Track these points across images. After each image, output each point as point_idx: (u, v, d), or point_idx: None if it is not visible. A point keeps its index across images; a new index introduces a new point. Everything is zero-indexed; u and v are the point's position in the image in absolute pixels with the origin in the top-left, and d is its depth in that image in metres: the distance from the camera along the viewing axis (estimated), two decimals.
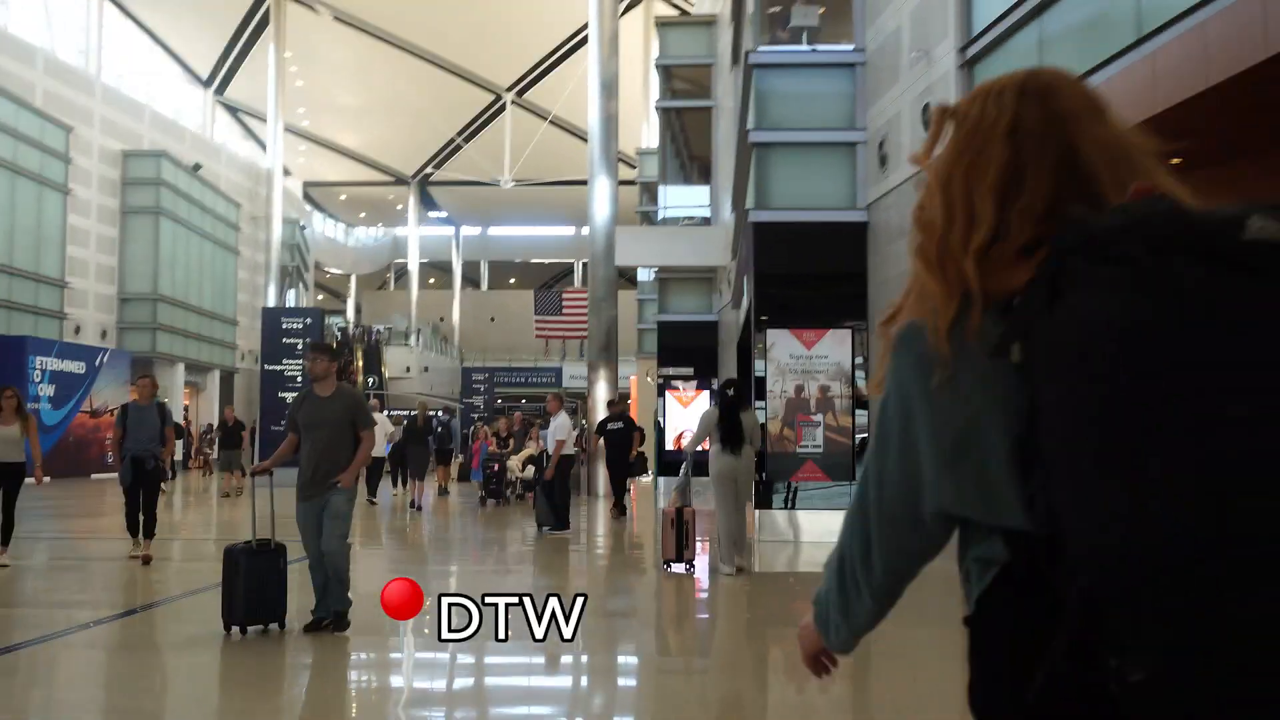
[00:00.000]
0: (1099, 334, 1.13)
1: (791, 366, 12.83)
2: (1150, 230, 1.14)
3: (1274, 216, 1.11)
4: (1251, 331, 1.08)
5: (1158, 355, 1.10)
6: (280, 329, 25.43)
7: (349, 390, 7.60)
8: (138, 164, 34.53)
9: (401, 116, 52.71)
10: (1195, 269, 1.10)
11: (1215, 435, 1.06)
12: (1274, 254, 1.09)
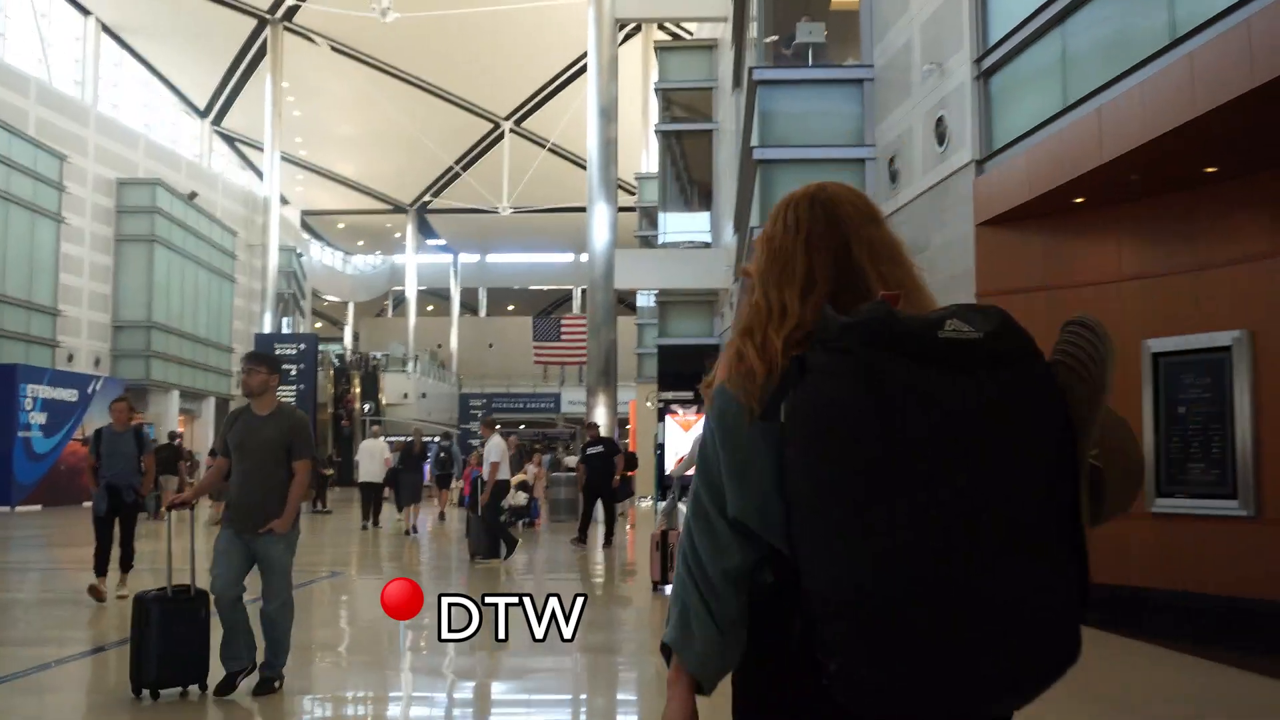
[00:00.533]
0: (821, 409, 1.49)
1: None
2: (863, 328, 1.48)
3: (966, 319, 1.50)
4: (934, 411, 1.44)
5: (860, 432, 1.45)
6: (274, 355, 25.09)
7: (290, 411, 6.37)
8: (132, 192, 34.27)
9: (399, 145, 52.53)
10: (897, 361, 1.45)
11: (893, 499, 1.43)
12: (961, 348, 1.48)
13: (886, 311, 1.52)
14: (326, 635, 8.85)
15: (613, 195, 23.37)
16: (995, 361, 1.51)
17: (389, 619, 9.36)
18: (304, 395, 24.97)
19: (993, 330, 1.54)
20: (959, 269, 10.35)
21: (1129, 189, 8.50)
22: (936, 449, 1.44)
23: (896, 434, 1.44)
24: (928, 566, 1.42)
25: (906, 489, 1.44)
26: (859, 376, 1.47)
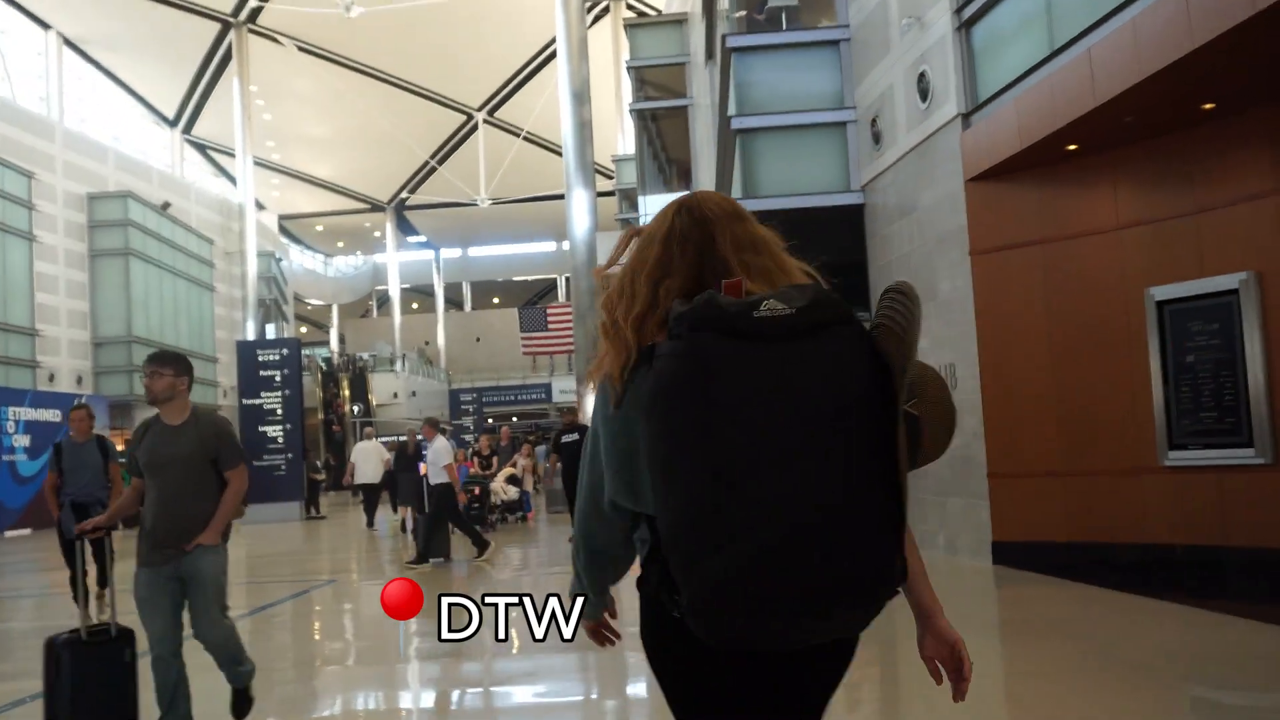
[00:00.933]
0: (656, 389, 1.73)
1: None
2: (694, 315, 1.73)
3: (782, 298, 1.73)
4: (747, 375, 1.68)
5: (688, 399, 1.69)
6: (257, 362, 24.63)
7: (208, 418, 5.46)
8: (103, 206, 33.70)
9: (373, 144, 51.99)
10: (718, 341, 1.70)
11: (702, 459, 1.66)
12: (775, 324, 1.70)
13: (709, 299, 1.75)
14: (324, 644, 8.52)
15: (590, 180, 22.92)
16: (808, 331, 1.71)
17: (386, 622, 9.06)
18: (290, 401, 24.51)
19: (805, 305, 1.73)
20: (950, 227, 10.04)
21: (1124, 132, 8.19)
22: (747, 407, 1.67)
23: (714, 397, 1.67)
24: (725, 504, 1.64)
25: (717, 442, 1.66)
26: (687, 354, 1.70)
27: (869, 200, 12.04)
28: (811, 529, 1.65)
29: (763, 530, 1.64)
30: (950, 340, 10.17)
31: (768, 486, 1.65)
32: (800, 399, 1.68)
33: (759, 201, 12.29)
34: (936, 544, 10.64)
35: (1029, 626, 7.15)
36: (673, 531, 1.70)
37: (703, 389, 1.68)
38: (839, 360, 1.72)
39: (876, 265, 11.92)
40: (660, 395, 1.72)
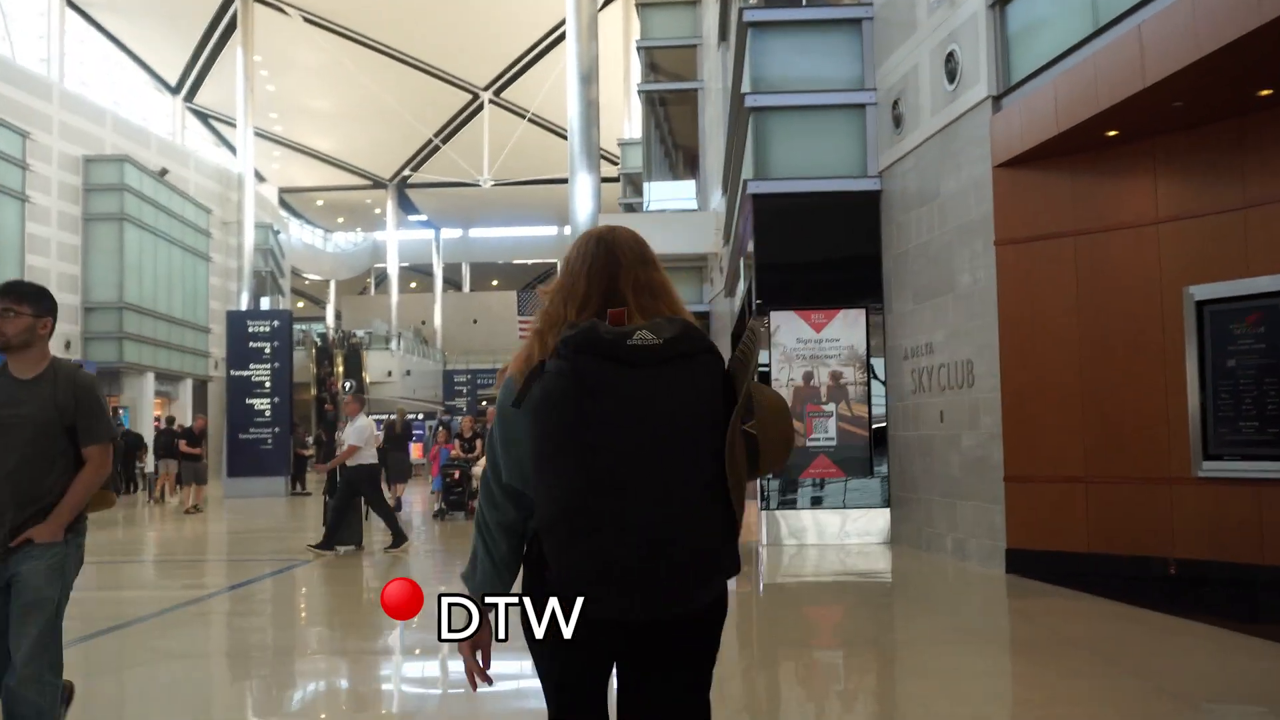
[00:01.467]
0: (543, 398, 2.08)
1: (799, 352, 11.60)
2: (578, 340, 2.06)
3: (653, 330, 2.09)
4: (618, 392, 2.03)
5: (567, 409, 2.03)
6: (247, 333, 24.07)
7: (69, 373, 4.11)
8: (99, 170, 33.07)
9: (377, 119, 51.33)
10: (596, 363, 2.03)
11: (579, 459, 2.02)
12: (644, 351, 2.05)
13: (591, 327, 2.10)
14: (304, 626, 8.01)
15: (595, 163, 22.33)
16: (672, 359, 2.09)
17: (368, 602, 8.54)
18: (279, 374, 23.95)
19: (672, 336, 2.11)
20: (974, 216, 9.50)
21: (1170, 118, 7.65)
22: (612, 420, 2.03)
23: (587, 410, 2.04)
24: (595, 501, 2.02)
25: (585, 447, 2.03)
26: (568, 373, 2.06)
27: (886, 186, 11.49)
28: (661, 525, 2.03)
29: (621, 524, 2.02)
30: (968, 334, 9.64)
31: (628, 489, 2.03)
32: (661, 416, 2.06)
33: (770, 184, 11.75)
34: (944, 548, 10.13)
35: (1049, 644, 6.63)
36: (547, 520, 2.09)
37: (579, 402, 2.04)
38: (697, 385, 2.12)
39: (892, 254, 11.38)
40: (544, 404, 2.09)
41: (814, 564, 10.51)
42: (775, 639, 7.35)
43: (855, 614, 8.06)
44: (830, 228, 11.84)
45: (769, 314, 11.68)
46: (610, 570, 2.02)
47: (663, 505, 2.03)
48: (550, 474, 2.07)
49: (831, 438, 11.54)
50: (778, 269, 11.83)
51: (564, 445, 2.04)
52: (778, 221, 11.82)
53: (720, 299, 20.94)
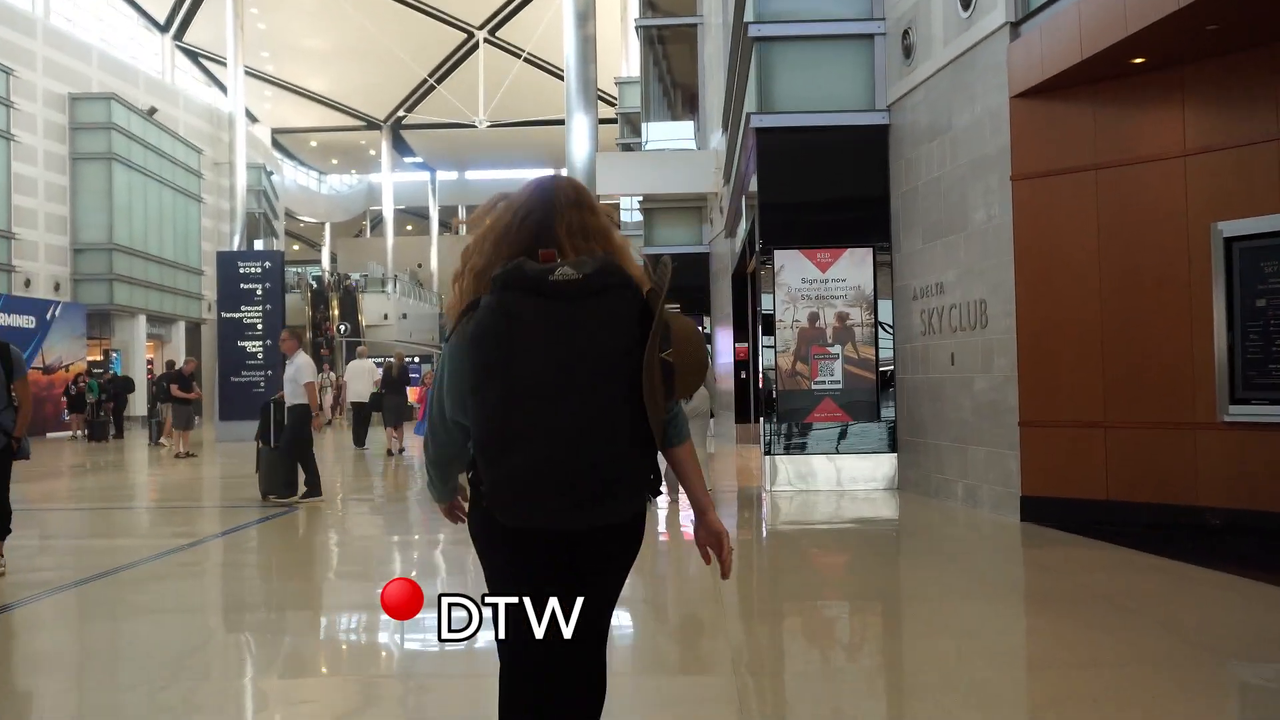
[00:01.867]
0: (475, 330, 2.27)
1: (804, 292, 11.22)
2: (505, 276, 2.27)
3: (575, 266, 2.26)
4: (541, 324, 2.22)
5: (494, 341, 2.23)
6: (238, 274, 23.61)
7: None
8: (85, 108, 32.45)
9: (370, 58, 50.45)
10: (520, 297, 2.24)
11: (504, 378, 2.22)
12: (566, 286, 2.24)
13: (518, 265, 2.31)
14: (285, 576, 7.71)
15: (592, 102, 21.84)
16: (591, 293, 2.27)
17: (356, 551, 8.24)
18: (271, 316, 23.45)
19: (590, 272, 2.29)
20: (989, 149, 9.08)
21: (1203, 43, 7.22)
22: (535, 348, 2.24)
23: (514, 339, 2.25)
24: (512, 422, 2.24)
25: (511, 372, 2.24)
26: (496, 307, 2.28)
27: (895, 120, 11.05)
28: (578, 442, 2.23)
29: (541, 441, 2.22)
30: (982, 274, 9.26)
31: (548, 409, 2.22)
32: (581, 344, 2.25)
33: (775, 118, 11.30)
34: (954, 494, 9.83)
35: (1068, 596, 6.31)
36: (478, 439, 2.30)
37: (506, 333, 2.25)
38: (614, 315, 2.29)
39: (900, 192, 10.97)
40: (476, 336, 2.29)
41: (818, 510, 10.23)
42: (778, 591, 7.06)
43: (862, 563, 7.76)
44: (837, 163, 11.41)
45: (773, 253, 11.29)
46: (532, 483, 2.24)
47: (580, 425, 2.23)
48: (481, 398, 2.27)
49: (837, 381, 11.19)
50: (782, 207, 11.41)
51: (493, 371, 2.25)
52: (782, 157, 11.38)
53: (720, 240, 20.50)
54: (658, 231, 23.22)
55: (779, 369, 11.24)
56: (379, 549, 8.94)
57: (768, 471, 11.27)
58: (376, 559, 8.39)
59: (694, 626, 5.96)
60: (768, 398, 11.37)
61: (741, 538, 9.00)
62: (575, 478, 2.23)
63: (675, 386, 2.36)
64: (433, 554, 8.44)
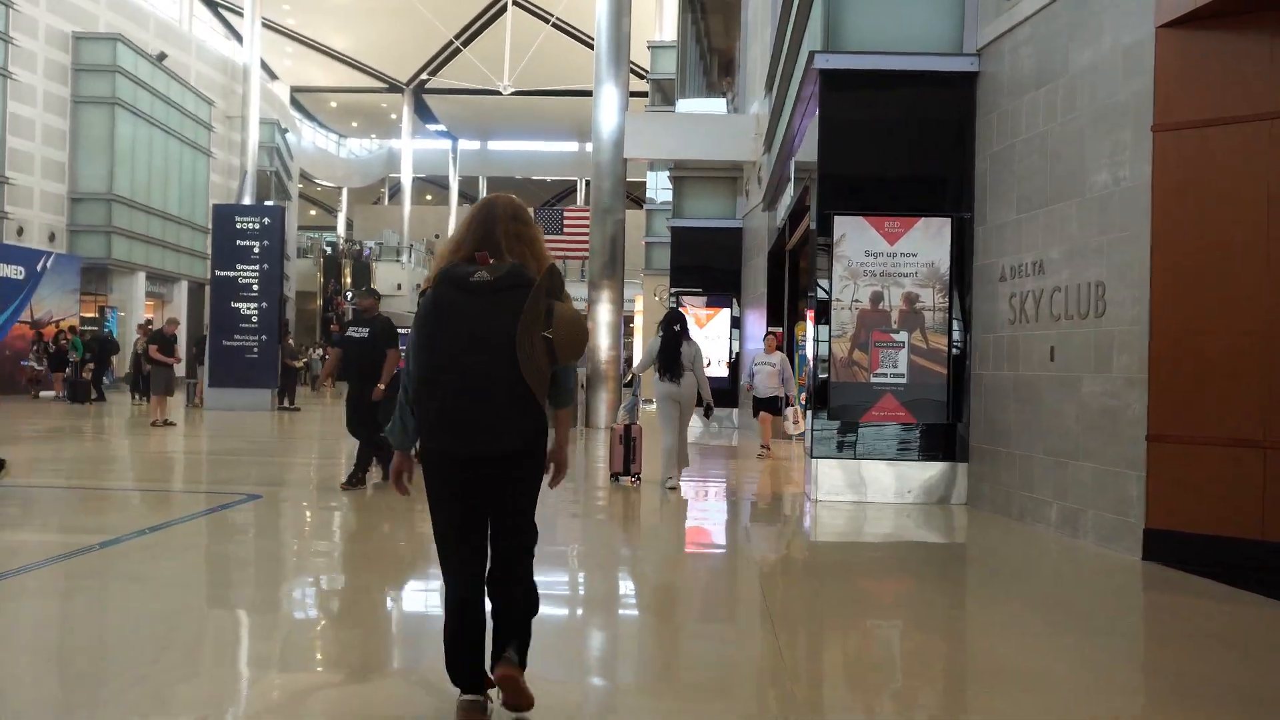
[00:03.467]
0: (419, 311, 3.51)
1: (867, 267, 9.49)
2: (443, 274, 3.49)
3: (490, 271, 3.46)
4: (458, 310, 3.43)
5: (429, 321, 3.46)
6: (235, 230, 21.95)
7: None
8: (90, 48, 30.77)
9: (395, 17, 48.75)
10: (449, 290, 3.45)
11: (432, 347, 3.44)
12: (480, 285, 3.43)
13: (451, 268, 3.52)
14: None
15: (624, 65, 20.00)
16: (498, 290, 3.43)
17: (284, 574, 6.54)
18: (269, 276, 21.77)
19: (499, 276, 3.45)
20: (1120, 96, 7.30)
21: None
22: (454, 326, 3.43)
23: (441, 321, 3.45)
24: (438, 375, 3.42)
25: (437, 344, 3.44)
26: (432, 297, 3.50)
27: (987, 67, 9.28)
28: (477, 394, 3.42)
29: (452, 393, 3.43)
30: (1100, 251, 7.49)
31: (454, 371, 3.43)
32: (485, 327, 3.42)
33: (844, 59, 9.54)
34: (1045, 518, 8.10)
35: (1207, 674, 4.57)
36: (414, 389, 3.53)
37: (435, 316, 3.49)
38: (512, 308, 3.40)
39: (989, 152, 9.20)
40: (419, 315, 3.53)
41: (872, 527, 8.53)
42: (820, 624, 5.37)
43: (925, 600, 6.05)
44: (913, 117, 9.65)
45: (832, 219, 9.55)
46: (444, 420, 3.46)
47: (472, 383, 3.42)
48: (417, 360, 3.52)
49: (901, 374, 9.46)
50: (846, 165, 9.67)
51: (425, 341, 3.50)
52: (849, 107, 9.64)
53: (756, 214, 18.74)
54: (687, 203, 21.45)
55: (833, 357, 9.51)
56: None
57: (813, 477, 9.56)
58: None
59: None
60: (817, 390, 9.65)
61: (777, 556, 7.32)
62: (466, 420, 3.44)
63: (557, 356, 3.47)
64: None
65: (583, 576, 6.68)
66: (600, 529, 8.61)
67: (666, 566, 7.11)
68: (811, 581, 6.69)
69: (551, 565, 6.54)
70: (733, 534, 8.62)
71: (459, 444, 3.43)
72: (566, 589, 6.24)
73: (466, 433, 3.41)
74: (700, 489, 10.92)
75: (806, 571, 7.12)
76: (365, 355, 9.78)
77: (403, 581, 6.33)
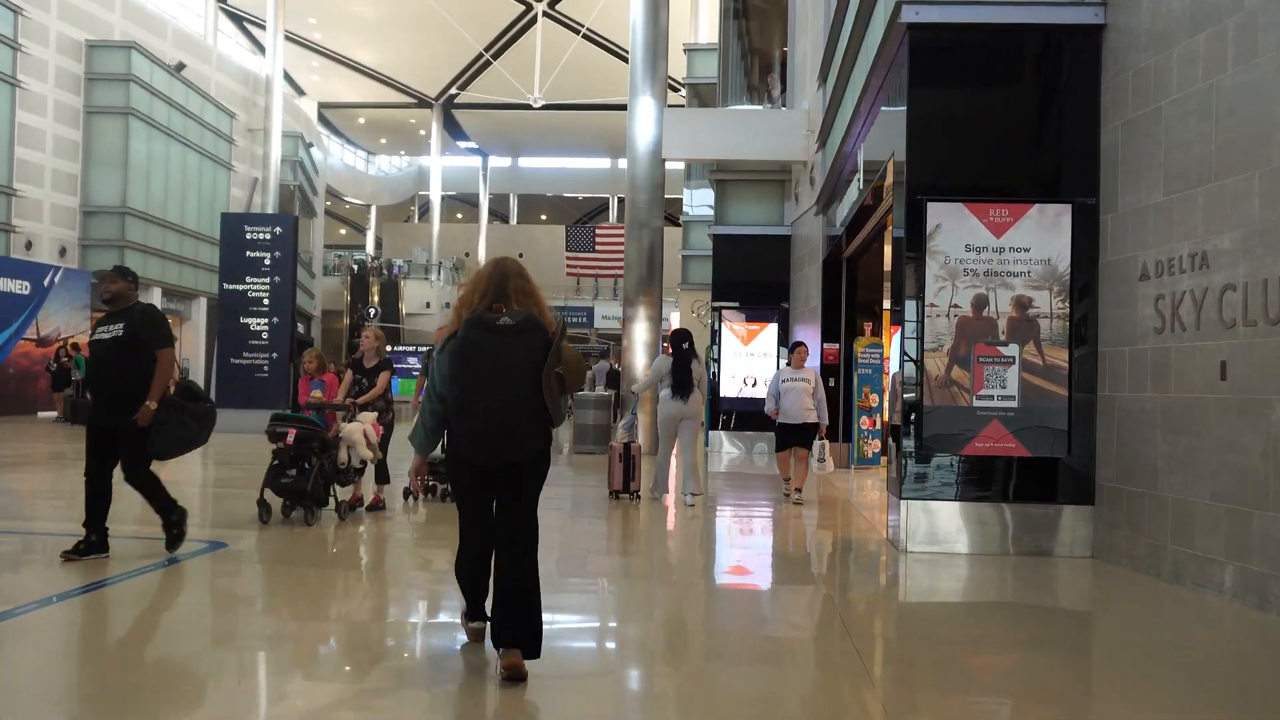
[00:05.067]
0: (454, 348, 4.52)
1: (968, 266, 7.76)
2: (473, 319, 4.49)
3: (511, 316, 4.51)
4: (486, 348, 4.46)
5: (462, 357, 4.46)
6: (244, 240, 20.44)
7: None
8: (104, 56, 29.50)
9: (423, 29, 47.42)
10: (479, 332, 4.46)
11: (466, 377, 4.45)
12: (503, 328, 4.46)
13: (482, 314, 4.48)
14: None
15: (660, 73, 18.32)
16: (518, 332, 4.43)
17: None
18: (280, 289, 20.24)
19: (518, 321, 4.44)
20: None
21: None
22: (482, 362, 4.41)
23: (470, 357, 4.42)
24: (469, 402, 4.41)
25: (468, 375, 4.42)
26: (464, 336, 4.44)
27: (1116, 18, 7.55)
28: (501, 415, 4.38)
29: (481, 414, 4.38)
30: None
31: (485, 397, 4.39)
32: (508, 361, 4.41)
33: (938, 10, 7.83)
34: (1215, 581, 6.32)
35: None
36: (452, 409, 4.47)
37: (467, 352, 4.41)
38: (529, 347, 4.43)
39: (1120, 121, 7.45)
40: (454, 351, 4.48)
41: (971, 586, 6.80)
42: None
43: (1047, 692, 4.31)
44: (1022, 80, 7.94)
45: (924, 207, 7.83)
46: (474, 437, 4.45)
47: (500, 406, 4.42)
48: (453, 388, 4.50)
49: (1011, 396, 7.71)
50: (941, 141, 7.96)
51: (459, 373, 4.47)
52: (945, 69, 7.94)
53: (808, 219, 17.00)
54: (730, 209, 19.69)
55: (926, 376, 7.78)
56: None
57: (902, 523, 7.81)
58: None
59: None
60: (905, 416, 7.91)
61: (861, 628, 5.62)
62: (496, 438, 4.45)
63: (567, 387, 4.55)
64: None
65: (660, 645, 4.98)
66: (659, 591, 6.89)
67: (745, 649, 5.38)
68: (927, 671, 4.93)
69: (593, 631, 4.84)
70: (812, 605, 6.87)
71: (493, 457, 4.47)
72: (630, 647, 4.55)
73: (498, 448, 4.45)
74: (745, 524, 9.23)
75: (914, 648, 5.38)
76: (118, 363, 6.89)
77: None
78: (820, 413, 11.09)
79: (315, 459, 8.75)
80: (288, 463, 8.74)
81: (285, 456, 8.75)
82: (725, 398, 18.60)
